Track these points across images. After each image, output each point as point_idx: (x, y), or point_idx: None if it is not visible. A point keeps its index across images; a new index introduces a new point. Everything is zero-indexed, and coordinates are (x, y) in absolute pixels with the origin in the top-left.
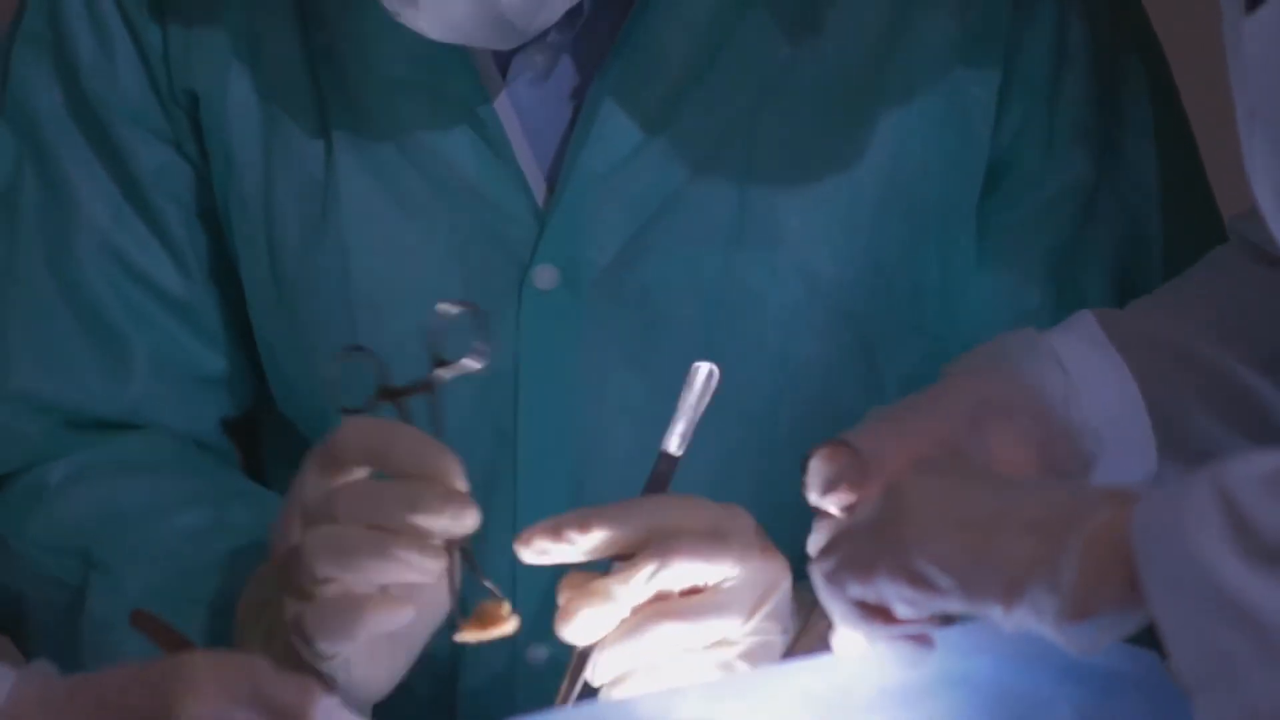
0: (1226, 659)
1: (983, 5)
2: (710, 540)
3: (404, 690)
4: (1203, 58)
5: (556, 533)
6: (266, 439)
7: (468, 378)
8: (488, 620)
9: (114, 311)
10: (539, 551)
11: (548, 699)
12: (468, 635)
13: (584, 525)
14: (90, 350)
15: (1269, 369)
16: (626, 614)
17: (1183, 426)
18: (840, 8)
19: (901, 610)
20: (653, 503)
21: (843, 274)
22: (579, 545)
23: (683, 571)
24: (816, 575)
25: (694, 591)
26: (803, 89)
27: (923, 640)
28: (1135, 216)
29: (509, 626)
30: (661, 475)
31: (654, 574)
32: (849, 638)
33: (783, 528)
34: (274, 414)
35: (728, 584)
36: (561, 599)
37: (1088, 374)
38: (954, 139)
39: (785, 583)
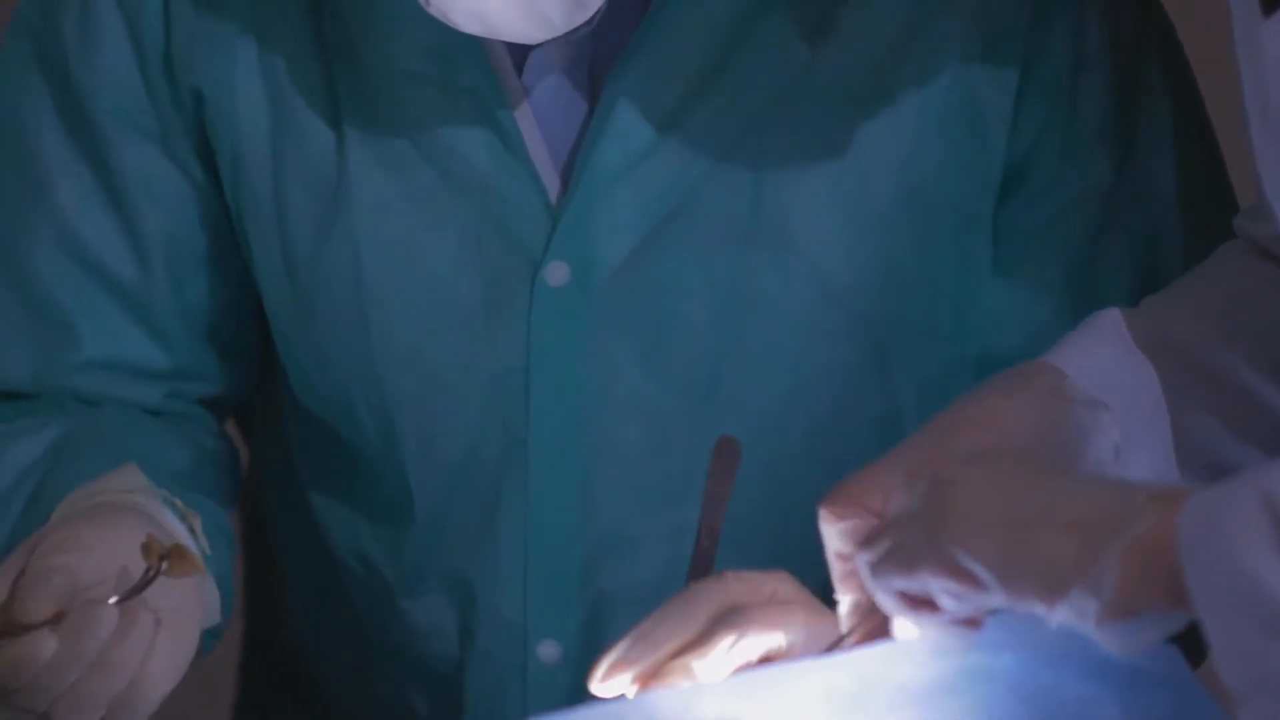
0: (1270, 670)
1: (1000, 9)
2: (776, 606)
3: (413, 690)
4: (1226, 61)
5: (628, 661)
6: (290, 427)
7: (477, 374)
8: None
9: (61, 297)
10: (621, 684)
11: (558, 697)
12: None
13: (651, 636)
14: (28, 333)
15: (1275, 371)
16: None
17: (1189, 430)
18: (857, 11)
19: (946, 603)
20: (707, 587)
21: (856, 277)
22: (657, 656)
23: (759, 640)
24: (862, 565)
25: (767, 659)
26: (818, 91)
27: (972, 624)
28: (1154, 222)
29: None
30: (705, 554)
31: (733, 645)
32: (904, 623)
33: (793, 532)
34: (296, 405)
35: (798, 647)
36: (634, 686)
37: (1110, 388)
38: (969, 143)
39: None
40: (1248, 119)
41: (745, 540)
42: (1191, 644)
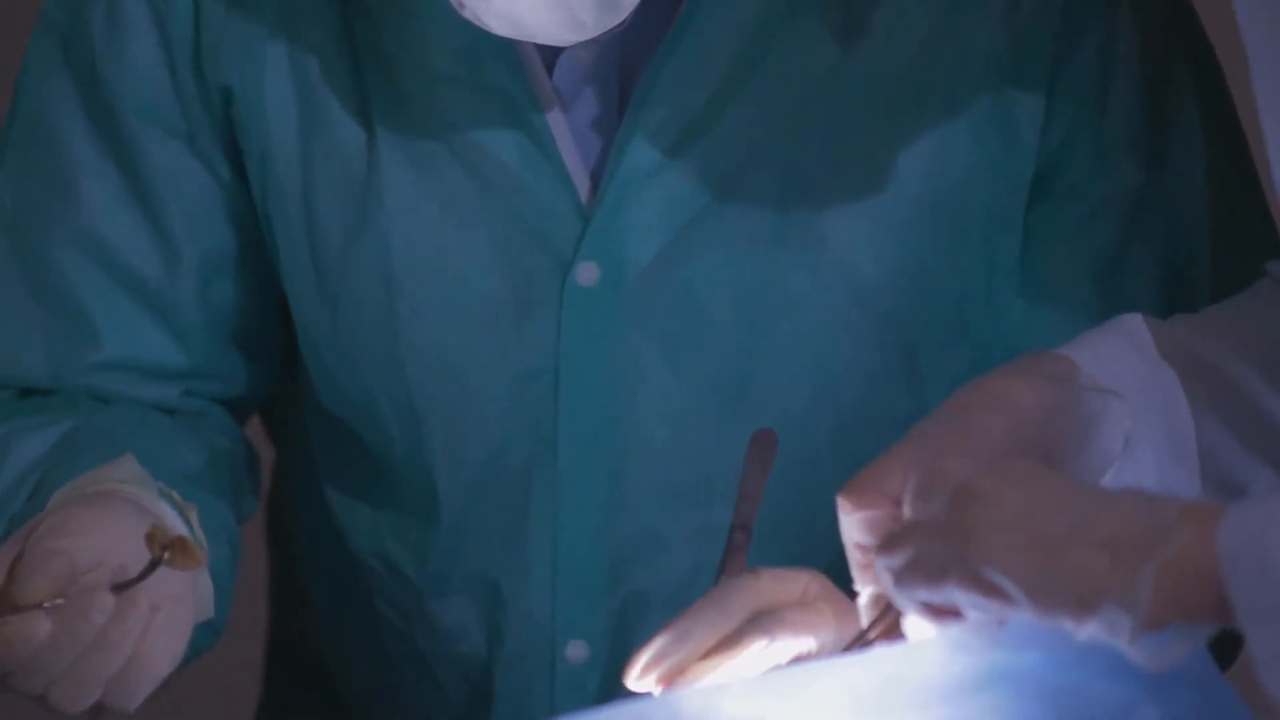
0: None
1: (1031, 12)
2: (807, 610)
3: (438, 691)
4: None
5: (662, 657)
6: (311, 429)
7: (505, 374)
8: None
9: (83, 297)
10: (654, 681)
11: (586, 697)
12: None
13: (688, 635)
14: (48, 331)
15: None
16: None
17: (1209, 447)
18: (888, 12)
19: (972, 616)
20: (741, 585)
21: (885, 278)
22: (691, 654)
23: (789, 644)
24: (884, 573)
25: (796, 661)
26: (848, 93)
27: (989, 626)
28: (1184, 224)
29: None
30: (738, 548)
31: (764, 649)
32: (920, 625)
33: (820, 532)
34: (318, 406)
35: (828, 648)
36: (659, 681)
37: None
38: (1000, 146)
39: None
40: (1264, 127)
41: (772, 540)
42: (1219, 644)
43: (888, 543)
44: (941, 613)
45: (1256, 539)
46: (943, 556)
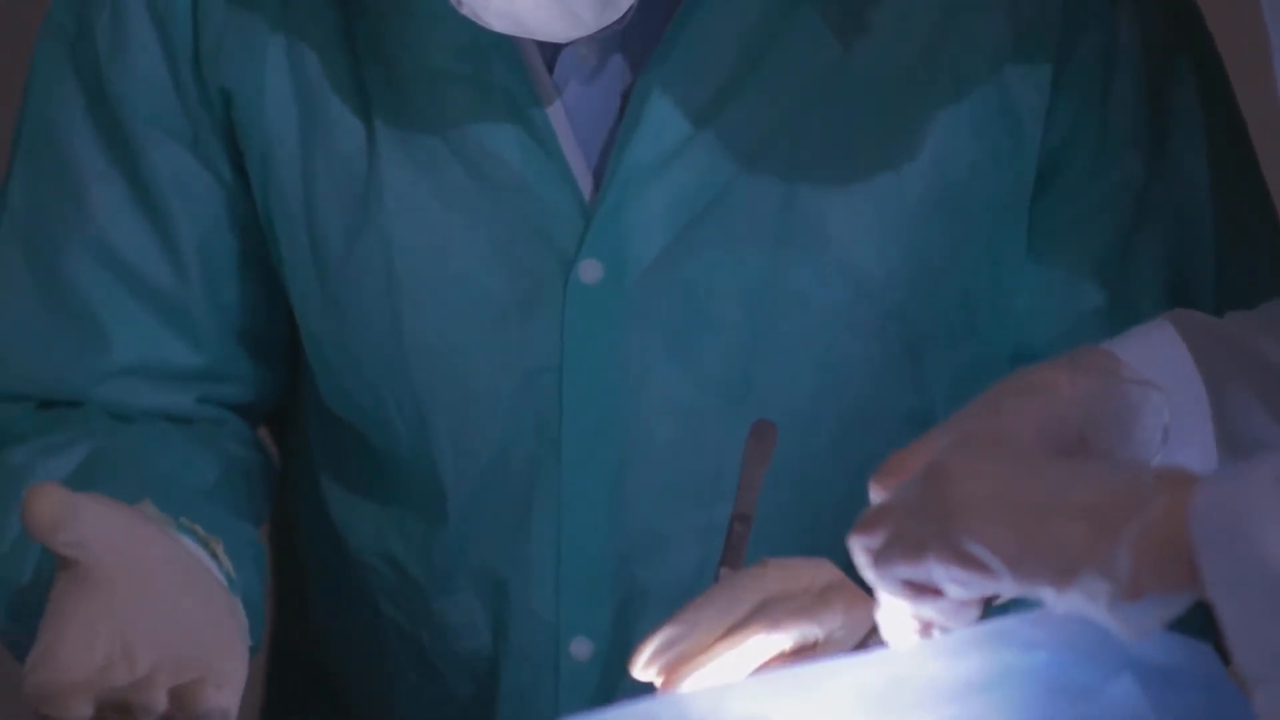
0: None
1: (1033, 7)
2: (814, 599)
3: (443, 689)
4: (1260, 62)
5: (668, 646)
6: (313, 432)
7: (509, 372)
8: None
9: (94, 305)
10: (657, 672)
11: (589, 694)
12: None
13: (697, 627)
14: (60, 340)
15: None
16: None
17: (1240, 422)
18: (890, 7)
19: (952, 591)
20: (748, 576)
21: (888, 274)
22: (697, 645)
23: (793, 634)
24: (860, 553)
25: (802, 649)
26: (851, 88)
27: (970, 605)
28: (1187, 219)
29: None
30: (738, 539)
31: (767, 638)
32: (891, 609)
33: (824, 531)
34: (323, 406)
35: (836, 637)
36: (661, 671)
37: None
38: (1003, 139)
39: None
40: None
41: (775, 538)
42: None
43: (864, 522)
44: (921, 590)
45: (1226, 508)
46: (921, 532)
